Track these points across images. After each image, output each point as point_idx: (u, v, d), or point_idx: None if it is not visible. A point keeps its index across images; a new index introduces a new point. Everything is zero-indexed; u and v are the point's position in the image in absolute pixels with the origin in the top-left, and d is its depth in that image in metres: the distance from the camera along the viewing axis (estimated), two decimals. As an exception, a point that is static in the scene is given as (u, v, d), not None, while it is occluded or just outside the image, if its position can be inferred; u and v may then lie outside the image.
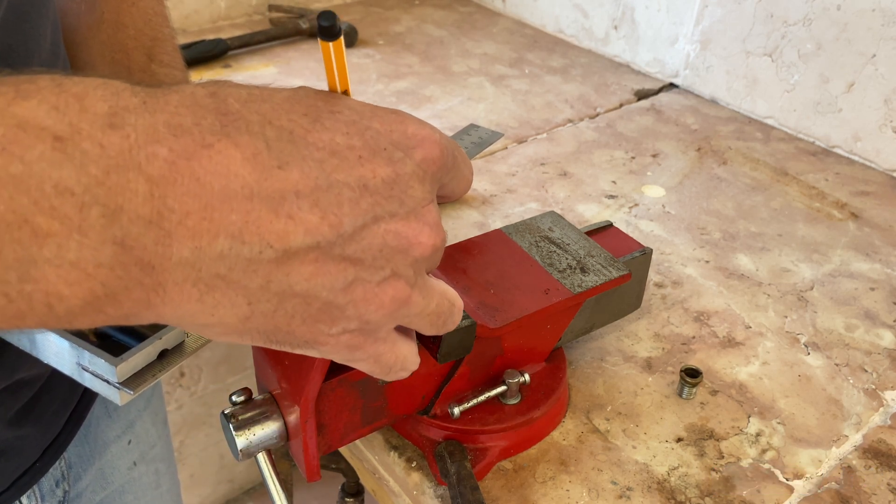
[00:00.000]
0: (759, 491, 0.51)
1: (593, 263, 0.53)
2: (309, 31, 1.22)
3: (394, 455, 0.53)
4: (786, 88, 0.98)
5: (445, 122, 0.98)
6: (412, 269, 0.29)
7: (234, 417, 0.44)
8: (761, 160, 0.92)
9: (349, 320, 0.29)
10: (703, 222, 0.80)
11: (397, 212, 0.28)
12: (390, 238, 0.28)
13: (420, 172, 0.29)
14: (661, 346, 0.63)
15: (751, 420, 0.56)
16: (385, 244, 0.28)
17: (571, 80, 1.12)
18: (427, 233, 0.29)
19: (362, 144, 0.28)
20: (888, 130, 0.89)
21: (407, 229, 0.28)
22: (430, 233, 0.29)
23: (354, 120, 0.28)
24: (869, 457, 0.54)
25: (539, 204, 0.82)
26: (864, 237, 0.79)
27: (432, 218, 0.30)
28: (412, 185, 0.29)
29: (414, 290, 0.30)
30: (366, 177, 0.27)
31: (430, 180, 0.30)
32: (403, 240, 0.28)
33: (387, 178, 0.28)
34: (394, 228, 0.28)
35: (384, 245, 0.28)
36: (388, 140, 0.29)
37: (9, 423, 0.47)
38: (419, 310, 0.31)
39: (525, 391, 0.53)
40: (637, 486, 0.51)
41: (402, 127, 0.30)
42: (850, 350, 0.64)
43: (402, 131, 0.30)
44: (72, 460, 0.56)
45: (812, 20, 0.92)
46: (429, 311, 0.32)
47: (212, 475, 1.59)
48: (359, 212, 0.27)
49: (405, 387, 0.48)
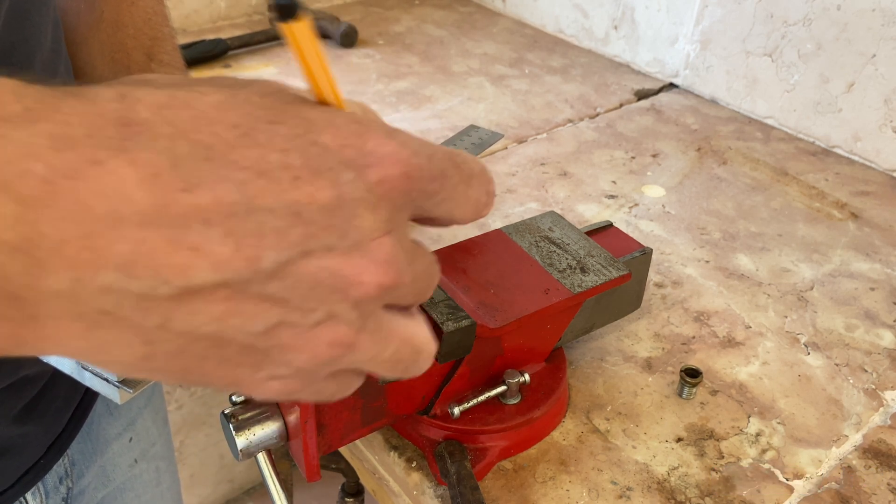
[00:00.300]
0: (759, 491, 0.51)
1: (593, 263, 0.53)
2: (309, 31, 1.22)
3: (394, 455, 0.53)
4: (786, 88, 0.98)
5: (445, 122, 0.98)
6: (356, 312, 0.25)
7: (234, 417, 0.44)
8: (761, 160, 0.92)
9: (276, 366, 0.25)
10: (703, 222, 0.80)
11: (335, 245, 0.24)
12: (324, 276, 0.24)
13: (372, 199, 0.25)
14: (661, 346, 0.63)
15: (751, 420, 0.56)
16: (317, 283, 0.24)
17: (571, 80, 1.12)
18: (371, 271, 0.25)
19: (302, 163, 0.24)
20: (888, 130, 0.89)
21: (345, 266, 0.24)
22: (375, 270, 0.25)
23: (298, 133, 0.24)
24: (869, 457, 0.54)
25: (539, 204, 0.82)
26: (864, 237, 0.79)
27: (383, 253, 0.25)
28: (359, 214, 0.24)
29: (361, 335, 0.26)
30: (299, 202, 0.23)
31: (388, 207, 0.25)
32: (340, 279, 0.24)
33: (327, 204, 0.24)
34: (328, 265, 0.24)
35: (316, 284, 0.24)
36: (336, 158, 0.24)
37: (13, 420, 0.47)
38: (370, 356, 0.27)
39: (525, 391, 0.53)
40: (637, 486, 0.51)
41: (359, 142, 0.25)
42: (850, 350, 0.64)
43: (358, 147, 0.25)
44: (75, 457, 0.56)
45: (812, 20, 0.92)
46: (383, 357, 0.27)
47: (212, 475, 1.59)
48: (285, 244, 0.23)
49: (405, 387, 0.48)
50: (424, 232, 0.76)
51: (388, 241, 0.25)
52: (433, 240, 0.74)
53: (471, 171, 0.29)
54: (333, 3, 1.39)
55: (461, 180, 0.28)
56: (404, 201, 0.26)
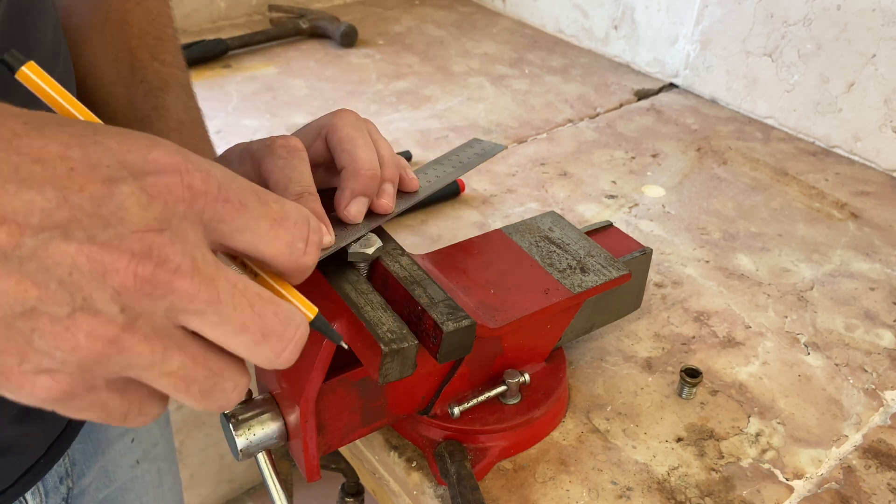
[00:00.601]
0: (759, 491, 0.51)
1: (593, 263, 0.53)
2: (309, 31, 1.22)
3: (394, 455, 0.53)
4: (786, 88, 0.98)
5: (445, 122, 0.98)
6: (117, 305, 0.25)
7: (234, 417, 0.44)
8: (761, 160, 0.92)
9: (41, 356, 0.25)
10: (703, 222, 0.80)
11: (98, 235, 0.24)
12: (81, 261, 0.24)
13: (144, 197, 0.25)
14: (661, 346, 0.63)
15: (751, 420, 0.56)
16: (75, 267, 0.24)
17: (571, 80, 1.12)
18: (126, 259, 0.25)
19: (81, 157, 0.25)
20: (888, 130, 0.89)
21: (103, 254, 0.24)
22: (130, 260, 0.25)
23: (85, 134, 0.25)
24: (869, 457, 0.54)
25: (539, 204, 0.82)
26: (864, 237, 0.79)
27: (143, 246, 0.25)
28: (127, 208, 0.25)
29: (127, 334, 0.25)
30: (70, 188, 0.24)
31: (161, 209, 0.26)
32: (97, 264, 0.24)
33: (96, 194, 0.24)
34: (87, 251, 0.24)
35: (74, 268, 0.24)
36: (116, 158, 0.25)
37: (13, 419, 0.47)
38: (147, 364, 0.26)
39: (525, 391, 0.53)
40: (637, 486, 0.51)
41: (144, 151, 0.26)
42: (850, 350, 0.64)
43: (141, 155, 0.26)
44: (75, 457, 0.56)
45: (812, 20, 0.92)
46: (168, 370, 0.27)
47: (212, 475, 1.59)
48: (48, 223, 0.24)
49: (405, 387, 0.48)
50: (424, 232, 0.76)
51: (155, 237, 0.25)
52: (433, 240, 0.75)
53: (284, 212, 0.30)
54: (333, 3, 1.39)
55: (265, 216, 0.29)
56: (187, 211, 0.26)
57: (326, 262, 0.42)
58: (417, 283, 0.42)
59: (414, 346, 0.39)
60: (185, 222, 0.26)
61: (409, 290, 0.42)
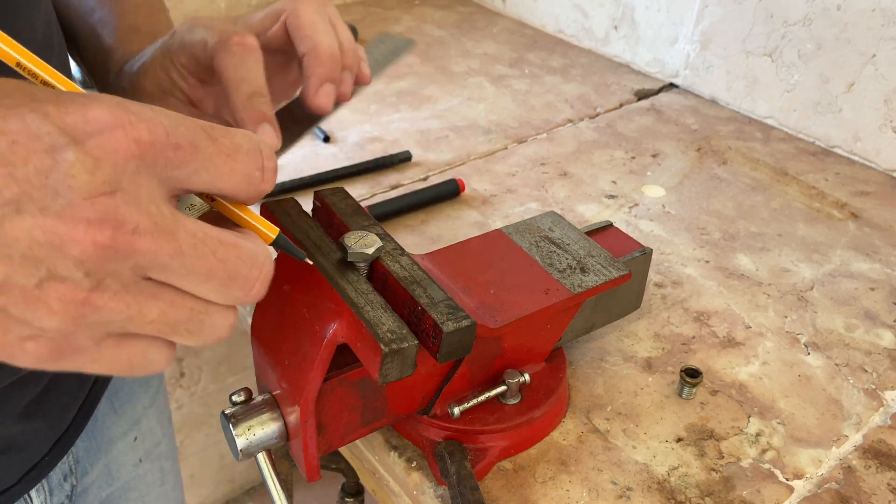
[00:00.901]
0: (759, 491, 0.51)
1: (593, 263, 0.53)
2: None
3: (394, 455, 0.53)
4: (786, 88, 0.98)
5: (445, 122, 0.98)
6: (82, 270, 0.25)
7: (234, 417, 0.44)
8: (761, 160, 0.92)
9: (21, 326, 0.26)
10: (703, 222, 0.80)
11: (49, 206, 0.25)
12: (38, 234, 0.25)
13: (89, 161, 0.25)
14: (661, 346, 0.63)
15: (751, 420, 0.56)
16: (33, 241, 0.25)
17: (571, 80, 1.12)
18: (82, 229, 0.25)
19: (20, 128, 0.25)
20: (888, 130, 0.89)
21: (58, 225, 0.25)
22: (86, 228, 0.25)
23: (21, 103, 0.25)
24: (869, 457, 0.54)
25: (539, 204, 0.82)
26: (864, 237, 0.79)
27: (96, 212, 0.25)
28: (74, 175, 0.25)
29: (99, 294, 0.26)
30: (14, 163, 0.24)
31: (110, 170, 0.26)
32: (54, 236, 0.25)
33: (41, 166, 0.25)
34: (42, 223, 0.25)
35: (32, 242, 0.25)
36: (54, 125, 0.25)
37: (18, 417, 0.47)
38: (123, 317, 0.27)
39: (525, 391, 0.53)
40: (637, 486, 0.51)
41: (81, 110, 0.26)
42: (850, 350, 0.64)
43: (80, 114, 0.25)
44: (79, 455, 0.56)
45: (812, 20, 0.92)
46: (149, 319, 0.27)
47: (212, 475, 1.59)
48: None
49: (405, 387, 0.48)
50: (424, 232, 0.76)
51: (107, 201, 0.25)
52: (433, 240, 0.75)
53: (235, 145, 0.29)
54: (333, 3, 1.39)
55: (219, 152, 0.29)
56: (139, 166, 0.26)
57: (326, 262, 0.42)
58: (417, 283, 0.42)
59: (414, 346, 0.39)
60: (138, 177, 0.26)
61: (409, 290, 0.42)
